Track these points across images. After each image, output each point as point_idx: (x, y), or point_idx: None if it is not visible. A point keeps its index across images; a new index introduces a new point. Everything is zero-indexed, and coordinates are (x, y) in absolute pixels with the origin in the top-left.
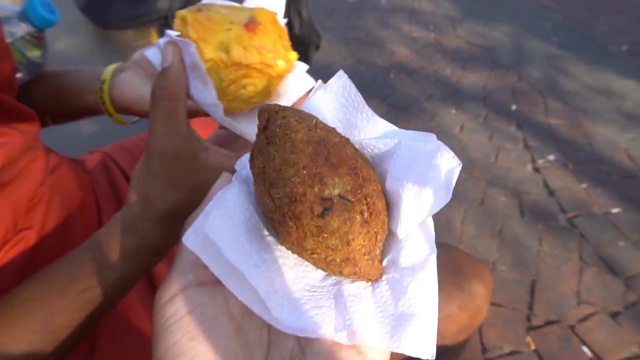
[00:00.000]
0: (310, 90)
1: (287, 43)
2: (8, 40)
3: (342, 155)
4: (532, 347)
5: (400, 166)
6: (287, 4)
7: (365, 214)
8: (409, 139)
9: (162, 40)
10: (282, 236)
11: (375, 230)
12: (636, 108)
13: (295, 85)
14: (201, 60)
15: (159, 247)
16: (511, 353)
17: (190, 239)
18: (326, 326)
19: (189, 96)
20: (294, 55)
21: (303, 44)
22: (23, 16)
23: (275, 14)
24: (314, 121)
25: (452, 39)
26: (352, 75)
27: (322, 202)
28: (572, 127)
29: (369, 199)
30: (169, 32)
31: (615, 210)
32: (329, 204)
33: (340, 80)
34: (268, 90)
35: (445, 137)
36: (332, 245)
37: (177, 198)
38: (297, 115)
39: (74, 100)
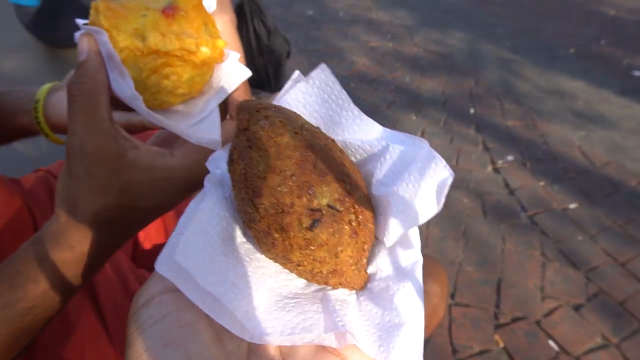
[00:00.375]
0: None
1: (215, 30)
2: None
3: (329, 160)
4: (501, 344)
5: (389, 172)
6: (249, 15)
7: (354, 224)
8: (398, 142)
9: (77, 34)
10: (265, 247)
11: (364, 240)
12: (586, 107)
13: (229, 75)
14: (115, 50)
15: (91, 257)
16: (481, 352)
17: (162, 264)
18: (315, 330)
19: (111, 91)
20: (222, 42)
21: (274, 53)
22: None
23: (200, 0)
24: (300, 122)
25: (409, 47)
26: None
27: (311, 213)
28: (528, 127)
29: (357, 207)
30: (78, 21)
31: (572, 206)
32: (318, 215)
33: (323, 74)
34: (195, 80)
35: None
36: (320, 257)
37: (104, 202)
38: (281, 115)
39: (7, 122)
